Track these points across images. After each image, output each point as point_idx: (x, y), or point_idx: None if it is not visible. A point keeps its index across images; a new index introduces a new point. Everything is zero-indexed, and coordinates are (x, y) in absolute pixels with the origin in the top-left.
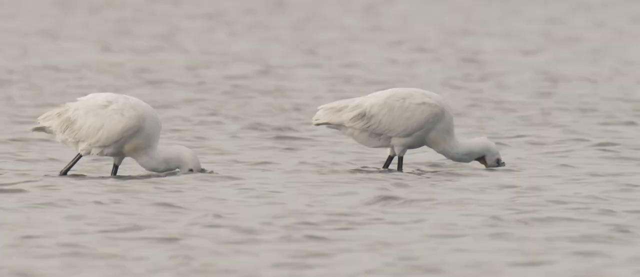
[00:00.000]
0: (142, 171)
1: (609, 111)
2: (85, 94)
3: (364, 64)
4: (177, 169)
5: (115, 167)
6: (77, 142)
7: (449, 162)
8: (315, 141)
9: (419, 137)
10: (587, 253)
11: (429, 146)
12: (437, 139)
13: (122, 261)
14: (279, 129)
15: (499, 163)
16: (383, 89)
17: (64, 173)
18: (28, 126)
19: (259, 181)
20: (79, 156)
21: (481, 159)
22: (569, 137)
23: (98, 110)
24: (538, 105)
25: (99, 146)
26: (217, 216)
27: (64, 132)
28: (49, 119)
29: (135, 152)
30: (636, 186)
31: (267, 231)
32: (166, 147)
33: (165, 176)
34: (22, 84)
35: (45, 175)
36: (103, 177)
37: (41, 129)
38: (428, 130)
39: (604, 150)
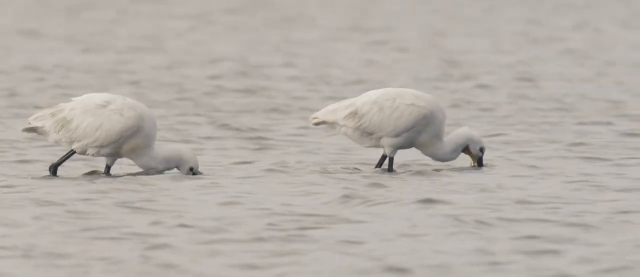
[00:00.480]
0: (115, 170)
1: (585, 111)
2: (65, 94)
3: (344, 64)
4: (175, 169)
5: (108, 168)
6: (72, 142)
7: (420, 160)
8: (290, 141)
9: (409, 138)
10: (550, 252)
11: (418, 148)
12: (426, 143)
13: (87, 261)
14: (256, 129)
15: (482, 152)
16: (363, 89)
17: (55, 168)
18: (2, 126)
19: (231, 181)
20: (72, 152)
21: (466, 149)
22: (544, 137)
23: (96, 110)
24: (515, 105)
25: (96, 146)
26: (185, 216)
27: (59, 132)
28: (42, 119)
29: (133, 153)
30: (606, 186)
31: (235, 231)
32: (165, 147)
33: (135, 175)
34: (1, 84)
35: (15, 175)
36: (73, 177)
37: (32, 129)
38: (418, 132)
39: (578, 150)
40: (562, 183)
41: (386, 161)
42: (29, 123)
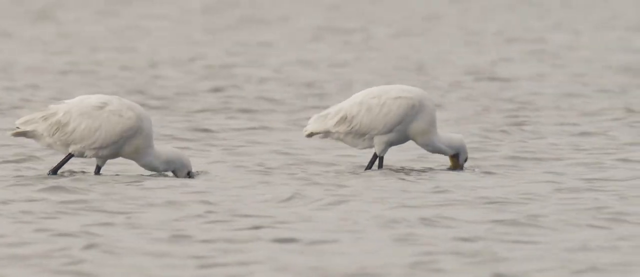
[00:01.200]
0: (67, 169)
1: (550, 112)
2: (34, 96)
3: (316, 64)
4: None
5: (98, 168)
6: (68, 145)
7: (394, 164)
8: (258, 142)
9: (400, 132)
10: (493, 252)
11: (413, 138)
12: (420, 131)
13: (35, 260)
14: (224, 129)
15: (465, 161)
16: (336, 89)
17: (54, 172)
18: None
19: (191, 181)
20: (70, 155)
21: (454, 156)
22: (507, 138)
23: (93, 112)
24: (476, 105)
25: (95, 148)
26: (138, 216)
27: (53, 135)
28: (32, 123)
29: (136, 154)
30: (562, 186)
31: (185, 231)
32: (165, 149)
33: (84, 175)
34: None
35: None
36: (25, 177)
37: (22, 133)
38: (409, 124)
39: (541, 150)
40: (520, 183)
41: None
42: (18, 127)
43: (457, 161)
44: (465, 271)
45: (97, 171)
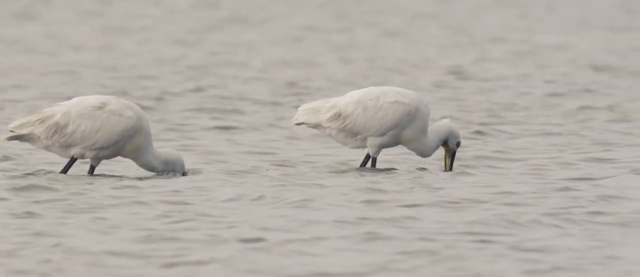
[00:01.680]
0: (36, 168)
1: (525, 112)
2: (16, 96)
3: (297, 63)
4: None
5: (92, 168)
6: (67, 147)
7: (357, 160)
8: (234, 141)
9: (393, 136)
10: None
11: (403, 143)
12: (412, 138)
13: (1, 260)
14: (206, 129)
15: (458, 146)
16: (317, 89)
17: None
18: None
19: (158, 181)
20: (73, 158)
21: (444, 143)
22: (479, 139)
23: (93, 113)
24: (458, 105)
25: (96, 149)
26: (103, 216)
27: (52, 137)
28: (29, 126)
29: (137, 152)
30: (515, 192)
31: (147, 229)
32: (164, 149)
33: (55, 174)
34: None
35: None
36: None
37: (17, 137)
38: (403, 129)
39: (510, 151)
40: (496, 184)
41: (370, 161)
42: (12, 131)
43: (448, 147)
44: (432, 272)
45: (91, 172)
